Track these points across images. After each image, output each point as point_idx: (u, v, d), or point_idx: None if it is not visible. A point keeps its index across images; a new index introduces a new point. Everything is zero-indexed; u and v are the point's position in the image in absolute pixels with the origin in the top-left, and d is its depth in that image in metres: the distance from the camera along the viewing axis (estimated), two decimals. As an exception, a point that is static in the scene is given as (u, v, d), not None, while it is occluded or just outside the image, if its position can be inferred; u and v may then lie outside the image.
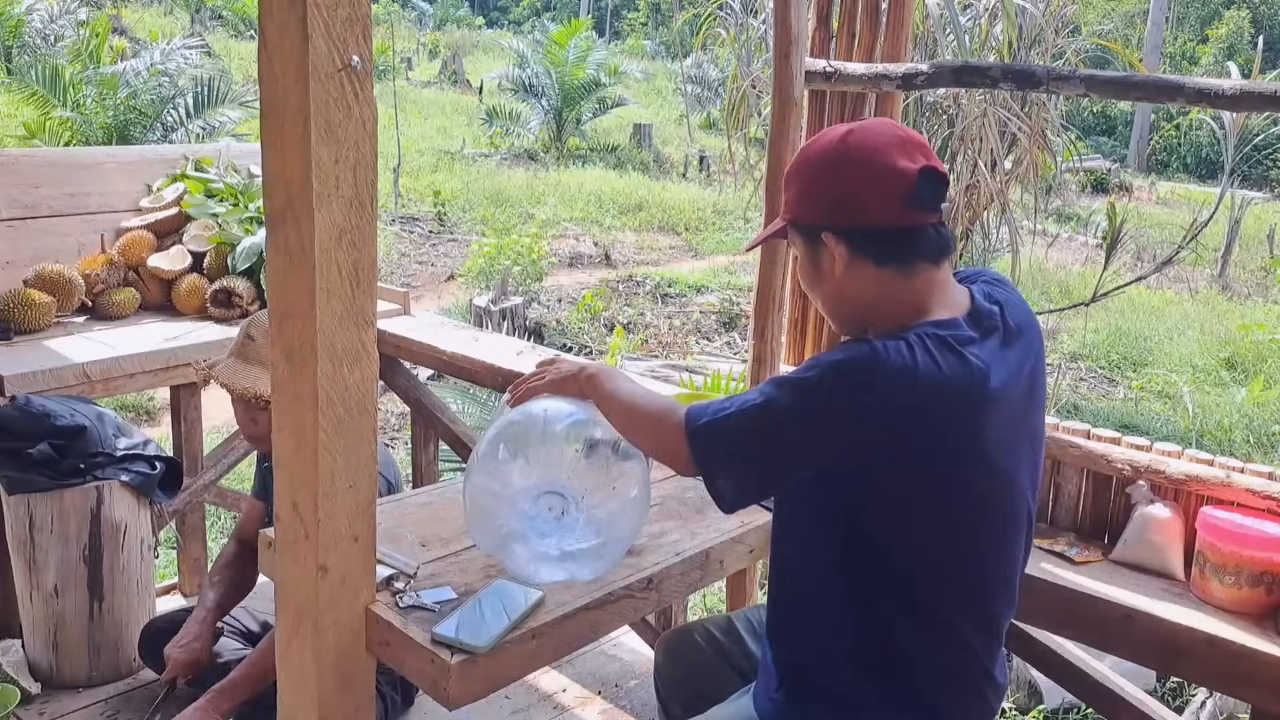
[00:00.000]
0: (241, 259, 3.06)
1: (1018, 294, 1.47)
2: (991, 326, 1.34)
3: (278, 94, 1.36)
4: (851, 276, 1.37)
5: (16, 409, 2.44)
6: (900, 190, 1.32)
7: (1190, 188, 18.16)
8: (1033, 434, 1.41)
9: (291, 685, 1.58)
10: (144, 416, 6.18)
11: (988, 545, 1.37)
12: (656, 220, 12.76)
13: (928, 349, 1.26)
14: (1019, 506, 1.39)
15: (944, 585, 1.35)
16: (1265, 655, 1.65)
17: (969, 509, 1.33)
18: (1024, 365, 1.37)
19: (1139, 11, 24.64)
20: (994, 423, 1.30)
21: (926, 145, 1.38)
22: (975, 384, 1.27)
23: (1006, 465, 1.34)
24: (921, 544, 1.33)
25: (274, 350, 1.47)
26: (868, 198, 1.34)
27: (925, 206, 1.33)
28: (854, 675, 1.39)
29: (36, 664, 2.56)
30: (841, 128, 1.41)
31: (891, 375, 1.24)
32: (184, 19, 21.82)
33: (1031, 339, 1.41)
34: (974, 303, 1.37)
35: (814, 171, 1.39)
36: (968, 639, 1.38)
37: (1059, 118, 6.25)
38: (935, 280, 1.36)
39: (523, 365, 2.72)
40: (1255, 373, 8.29)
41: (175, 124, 9.23)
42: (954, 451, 1.28)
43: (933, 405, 1.25)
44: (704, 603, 4.13)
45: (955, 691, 1.39)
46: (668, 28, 31.20)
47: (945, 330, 1.29)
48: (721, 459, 1.37)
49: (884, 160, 1.33)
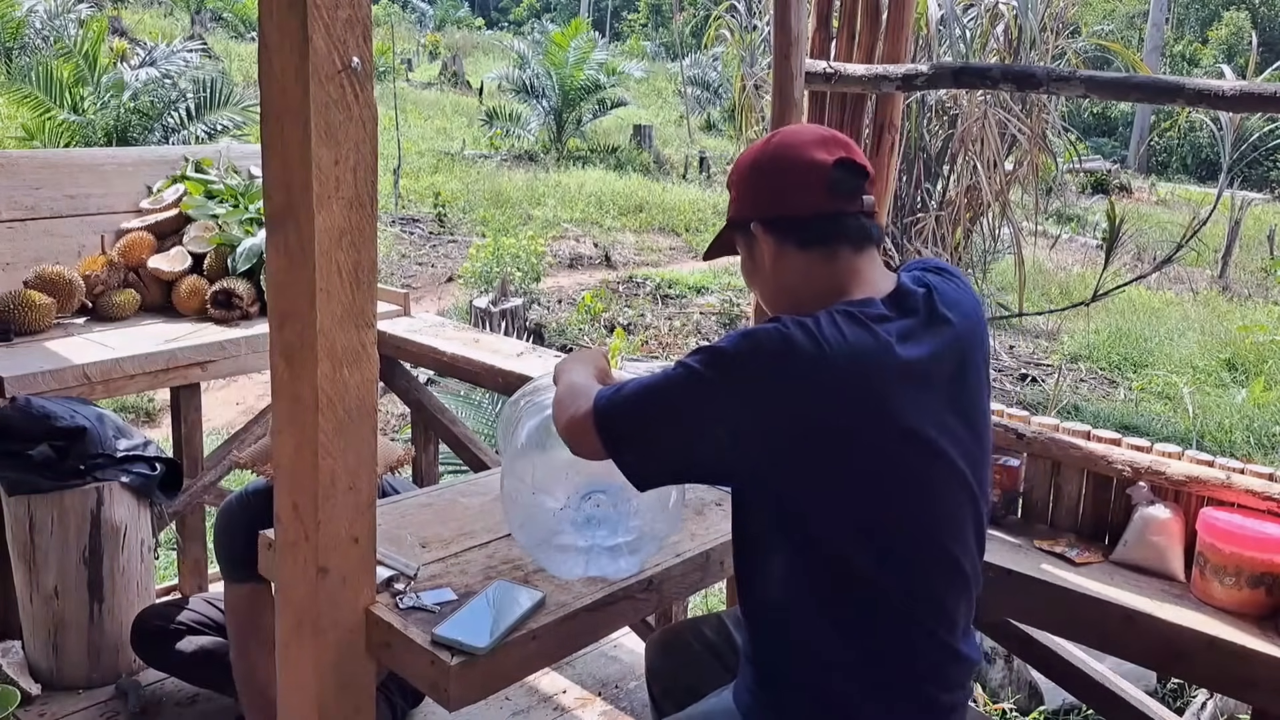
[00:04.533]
0: (242, 260, 3.05)
1: (962, 284, 1.51)
2: (911, 308, 1.41)
3: (278, 95, 1.36)
4: (780, 266, 1.47)
5: (16, 410, 2.44)
6: (817, 180, 1.43)
7: (1190, 188, 18.18)
8: (968, 418, 1.42)
9: (291, 687, 1.58)
10: (144, 418, 6.18)
11: (913, 516, 1.37)
12: (656, 221, 12.77)
13: (834, 321, 1.33)
14: (946, 481, 1.40)
15: (875, 559, 1.36)
16: (1266, 657, 1.65)
17: (881, 473, 1.34)
18: (948, 346, 1.41)
19: (1139, 12, 24.65)
20: (903, 391, 1.34)
21: (850, 144, 1.48)
22: (879, 351, 1.33)
23: (920, 432, 1.35)
24: (838, 511, 1.35)
25: (273, 352, 1.47)
26: (788, 189, 1.46)
27: (842, 194, 1.44)
28: (817, 659, 1.40)
29: (36, 665, 2.56)
30: (771, 134, 1.55)
31: (794, 344, 1.31)
32: (184, 20, 21.84)
33: (965, 326, 1.44)
34: (897, 286, 1.44)
35: (743, 172, 1.52)
36: (916, 616, 1.39)
37: (1059, 119, 6.26)
38: (855, 265, 1.44)
39: (523, 367, 2.72)
40: (1256, 374, 8.29)
41: (176, 125, 9.23)
42: (856, 414, 1.32)
43: (834, 370, 1.30)
44: (705, 604, 4.12)
45: (910, 667, 1.40)
46: (668, 29, 31.22)
47: (856, 307, 1.37)
48: (625, 432, 1.39)
49: (802, 155, 1.45)
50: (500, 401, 4.93)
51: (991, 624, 2.28)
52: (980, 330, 1.49)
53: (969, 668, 1.46)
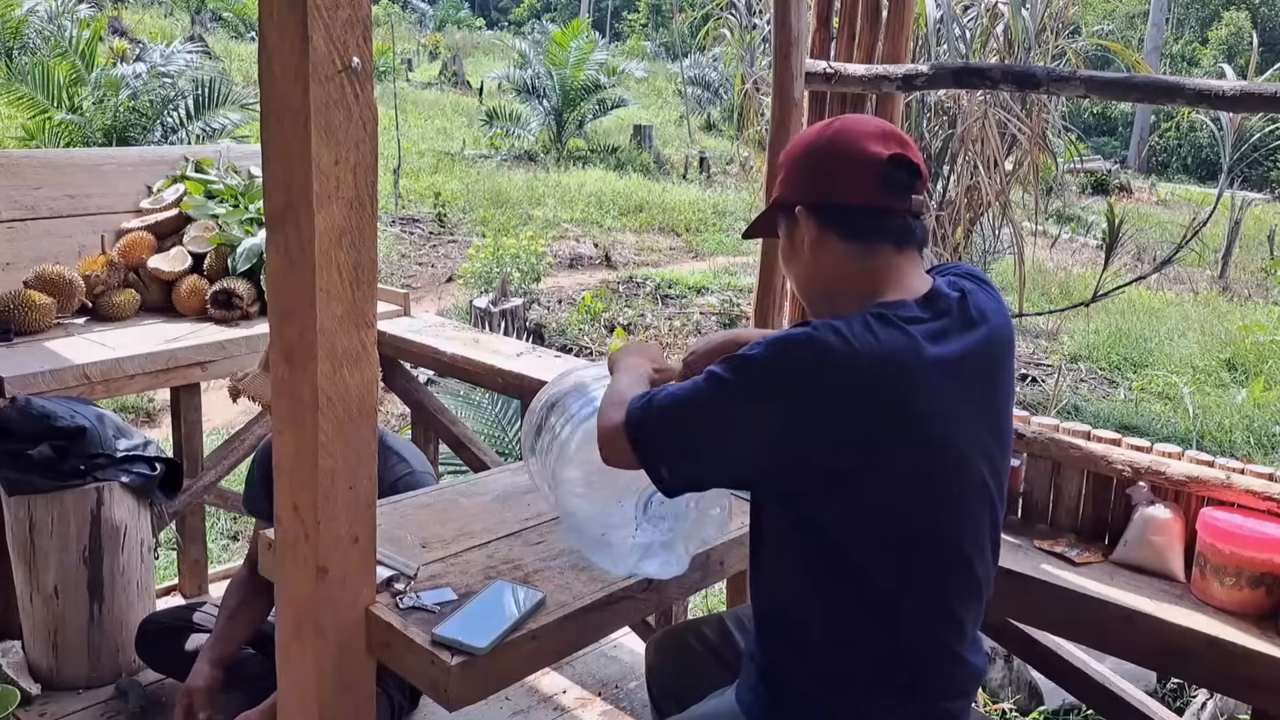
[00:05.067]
0: (242, 260, 3.06)
1: (994, 293, 1.50)
2: (944, 309, 1.39)
3: (278, 95, 1.36)
4: (819, 254, 1.45)
5: (16, 410, 2.44)
6: (869, 172, 1.40)
7: (1190, 188, 18.19)
8: (993, 422, 1.42)
9: (291, 686, 1.58)
10: (144, 418, 6.18)
11: (935, 526, 1.37)
12: (657, 221, 12.77)
13: (867, 324, 1.32)
14: (968, 486, 1.39)
15: (893, 567, 1.35)
16: (1266, 657, 1.65)
17: (907, 483, 1.33)
18: (978, 350, 1.40)
19: (1139, 13, 24.66)
20: (930, 391, 1.32)
21: (907, 141, 1.45)
22: (909, 350, 1.32)
23: (947, 438, 1.34)
24: (861, 520, 1.34)
25: (274, 351, 1.47)
26: (838, 176, 1.43)
27: (891, 190, 1.41)
28: (824, 664, 1.40)
29: (36, 665, 2.56)
30: (832, 119, 1.51)
31: (826, 352, 1.29)
32: (184, 20, 21.84)
33: (995, 332, 1.43)
34: (932, 288, 1.42)
35: (796, 155, 1.50)
36: (925, 623, 1.38)
37: (1059, 119, 6.26)
38: (895, 265, 1.42)
39: (522, 367, 2.72)
40: (1256, 374, 8.29)
41: (175, 125, 9.22)
42: (886, 422, 1.30)
43: (866, 378, 1.29)
44: (705, 604, 4.12)
45: (917, 674, 1.39)
46: (668, 29, 31.22)
47: (890, 309, 1.35)
48: (655, 442, 1.39)
49: (858, 145, 1.42)
50: (500, 402, 4.93)
51: (991, 624, 2.28)
52: (1009, 338, 1.47)
53: (976, 675, 1.45)
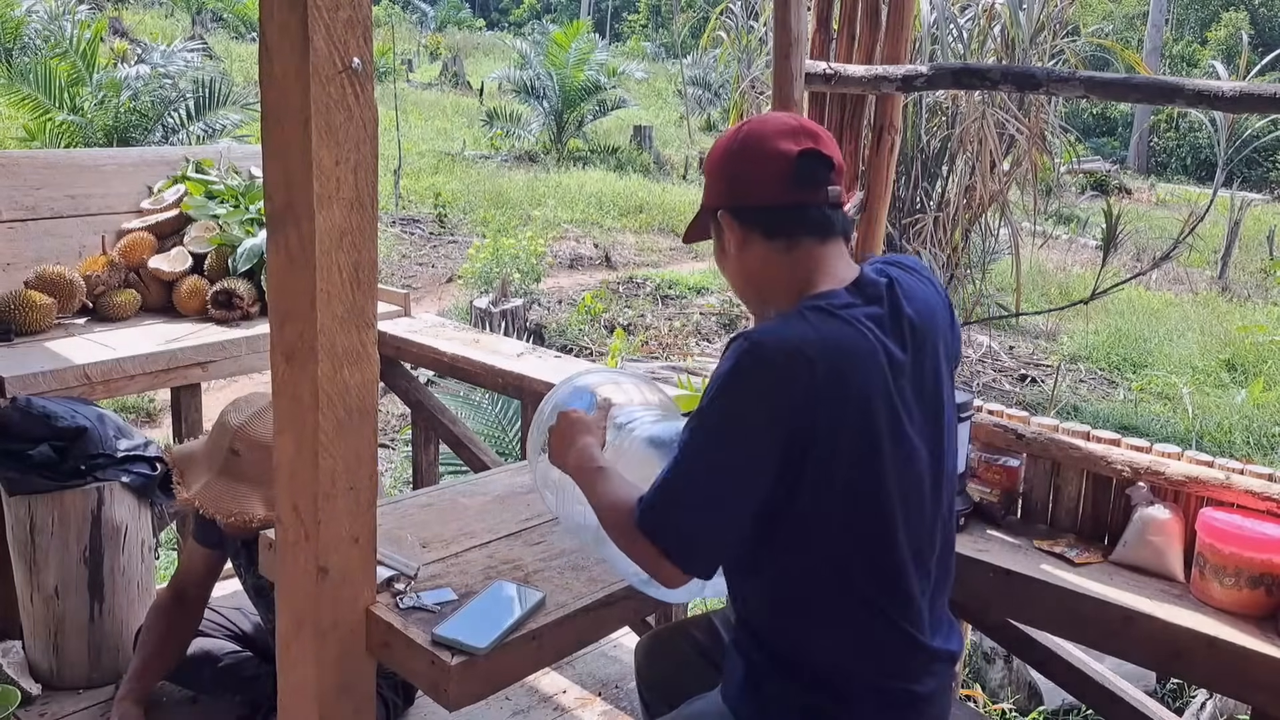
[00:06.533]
0: (242, 260, 3.06)
1: (925, 277, 1.53)
2: (875, 295, 1.43)
3: (278, 96, 1.37)
4: (746, 254, 1.49)
5: (17, 410, 2.44)
6: (781, 170, 1.44)
7: (1190, 189, 18.17)
8: (927, 404, 1.45)
9: (292, 687, 1.58)
10: (144, 418, 6.19)
11: (879, 506, 1.39)
12: (657, 222, 12.76)
13: (804, 318, 1.37)
14: (916, 470, 1.42)
15: (839, 549, 1.39)
16: (1266, 657, 1.65)
17: (848, 462, 1.36)
18: (910, 338, 1.43)
19: (1138, 13, 24.66)
20: (870, 378, 1.37)
21: (819, 133, 1.48)
22: (849, 338, 1.37)
23: (885, 420, 1.38)
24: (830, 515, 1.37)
25: (274, 352, 1.47)
26: (752, 178, 1.47)
27: (806, 185, 1.45)
28: (801, 657, 1.43)
29: (37, 665, 2.56)
30: (745, 121, 1.55)
31: (770, 360, 1.34)
32: (185, 21, 21.83)
33: (924, 318, 1.46)
34: (860, 275, 1.47)
35: (714, 160, 1.53)
36: (890, 614, 1.42)
37: (1058, 119, 6.26)
38: (820, 256, 1.46)
39: (523, 367, 2.72)
40: (1255, 374, 8.29)
41: (176, 126, 9.21)
42: (839, 413, 1.34)
43: (810, 363, 1.33)
44: (704, 603, 4.12)
45: (885, 664, 1.43)
46: (668, 29, 31.21)
47: (823, 300, 1.40)
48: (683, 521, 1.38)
49: (768, 145, 1.46)
50: (501, 402, 4.93)
51: (991, 624, 2.28)
52: (941, 323, 1.51)
53: (945, 657, 1.49)
